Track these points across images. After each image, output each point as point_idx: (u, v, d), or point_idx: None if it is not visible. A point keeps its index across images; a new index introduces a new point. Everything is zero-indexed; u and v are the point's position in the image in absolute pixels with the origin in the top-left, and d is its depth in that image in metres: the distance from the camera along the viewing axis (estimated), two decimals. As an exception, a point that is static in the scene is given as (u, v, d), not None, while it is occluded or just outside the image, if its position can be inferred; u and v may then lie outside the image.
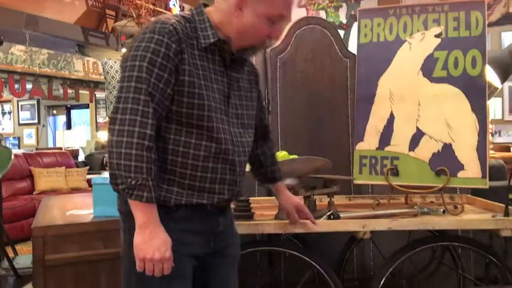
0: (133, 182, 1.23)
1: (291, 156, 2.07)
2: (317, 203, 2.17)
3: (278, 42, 2.70)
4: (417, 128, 2.18)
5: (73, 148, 8.61)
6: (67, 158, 6.73)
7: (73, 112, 11.53)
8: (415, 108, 2.19)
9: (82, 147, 9.26)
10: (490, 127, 2.98)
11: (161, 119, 1.30)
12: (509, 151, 5.76)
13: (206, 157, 1.34)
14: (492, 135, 6.21)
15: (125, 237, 1.37)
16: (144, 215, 1.26)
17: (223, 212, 1.46)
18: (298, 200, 1.79)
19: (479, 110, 2.09)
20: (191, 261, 1.37)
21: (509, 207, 1.98)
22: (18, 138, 10.85)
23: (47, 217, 2.20)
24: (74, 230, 1.99)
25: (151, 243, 1.26)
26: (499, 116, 6.53)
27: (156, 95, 1.26)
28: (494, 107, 6.39)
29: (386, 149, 2.22)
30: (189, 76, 1.30)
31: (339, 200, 2.39)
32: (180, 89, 1.30)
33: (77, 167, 6.79)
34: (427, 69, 2.19)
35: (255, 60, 2.67)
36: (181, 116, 1.31)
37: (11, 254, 2.83)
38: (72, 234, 1.97)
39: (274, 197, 2.19)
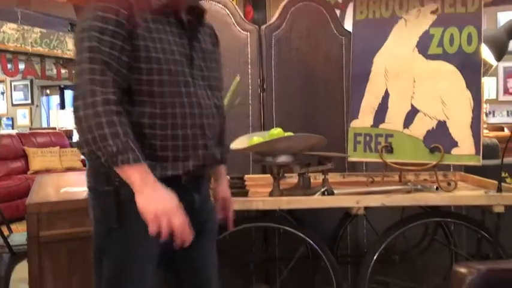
0: (114, 149, 1.18)
1: (286, 134, 2.07)
2: (311, 180, 2.18)
3: (273, 19, 2.68)
4: (412, 105, 2.18)
5: (67, 128, 8.57)
6: (61, 138, 6.71)
7: (66, 92, 11.44)
8: (410, 85, 2.19)
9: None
10: (485, 106, 2.99)
11: (122, 89, 1.25)
12: (503, 131, 5.79)
13: (174, 125, 1.30)
14: (486, 116, 6.23)
15: (93, 216, 1.35)
16: (137, 176, 1.21)
17: (198, 188, 1.42)
18: (229, 195, 1.66)
19: (474, 87, 2.08)
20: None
21: (502, 183, 1.99)
22: (12, 119, 10.79)
23: (40, 194, 2.19)
24: (68, 206, 1.98)
25: (157, 195, 1.21)
26: (493, 96, 6.55)
27: (111, 63, 1.22)
28: (489, 87, 6.40)
29: (381, 126, 2.22)
30: (143, 40, 1.26)
31: (333, 177, 2.39)
32: (137, 55, 1.26)
33: (71, 147, 6.77)
34: (423, 46, 2.18)
35: (250, 37, 2.65)
36: (142, 85, 1.27)
37: (5, 232, 2.83)
38: (66, 211, 1.97)
39: (269, 175, 2.20)
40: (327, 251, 2.03)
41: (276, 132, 2.08)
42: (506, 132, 5.68)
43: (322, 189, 2.00)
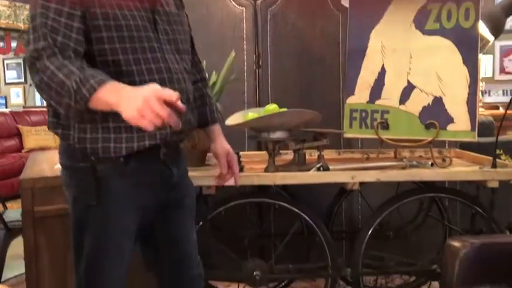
0: (74, 86, 1.13)
1: (281, 110, 2.06)
2: (306, 157, 2.18)
3: (269, -6, 2.64)
4: (408, 81, 2.17)
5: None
6: (55, 117, 6.65)
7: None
8: (406, 61, 2.17)
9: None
10: (481, 85, 2.98)
11: (77, 54, 1.21)
12: (498, 110, 5.80)
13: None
14: (482, 95, 6.23)
15: (69, 194, 1.34)
16: (108, 94, 1.14)
17: (176, 162, 1.41)
18: (231, 150, 1.63)
19: (471, 63, 2.07)
20: (140, 213, 1.34)
21: (497, 160, 2.00)
22: (5, 98, 10.68)
23: (35, 170, 2.18)
24: (58, 182, 1.97)
25: (131, 95, 1.13)
26: (489, 74, 6.53)
27: (60, 29, 1.19)
28: (485, 66, 6.38)
29: (377, 102, 2.21)
30: (100, 8, 1.22)
31: (328, 154, 2.39)
32: (96, 24, 1.22)
33: (66, 125, 6.71)
34: (420, 21, 2.16)
35: (245, 12, 2.62)
36: (106, 55, 1.24)
37: (0, 209, 2.82)
38: (61, 186, 1.96)
39: (264, 152, 2.19)
40: (322, 226, 2.04)
41: (271, 108, 2.07)
42: (502, 111, 5.68)
43: (318, 165, 2.00)
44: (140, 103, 1.10)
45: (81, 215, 1.31)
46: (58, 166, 2.26)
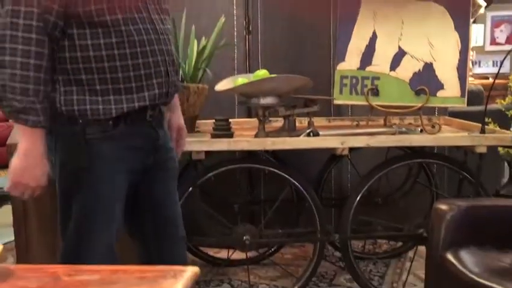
0: (18, 105, 1.18)
1: (272, 75, 2.04)
2: (297, 124, 2.17)
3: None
4: (399, 47, 2.15)
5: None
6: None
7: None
8: (398, 26, 2.15)
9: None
10: (471, 54, 2.97)
11: (55, 30, 1.21)
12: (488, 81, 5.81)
13: (134, 54, 1.26)
14: (472, 65, 6.24)
15: (55, 159, 1.31)
16: (28, 141, 1.21)
17: (160, 124, 1.41)
18: (183, 124, 1.60)
19: (462, 29, 2.06)
20: (128, 177, 1.34)
21: (485, 126, 2.01)
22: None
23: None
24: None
25: (31, 172, 1.22)
26: (480, 43, 6.52)
27: None
28: (476, 35, 6.36)
29: (368, 69, 2.20)
30: None
31: (318, 121, 2.38)
32: None
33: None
34: (412, -14, 2.13)
35: (235, -23, 2.57)
36: (92, 17, 1.21)
37: (-11, 177, 2.81)
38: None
39: (254, 119, 2.18)
40: (312, 191, 2.05)
41: (261, 73, 2.06)
42: (491, 81, 5.70)
43: (308, 131, 2.00)
44: (33, 185, 1.25)
45: (70, 180, 1.30)
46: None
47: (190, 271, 0.68)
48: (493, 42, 6.68)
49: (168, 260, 1.44)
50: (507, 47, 6.54)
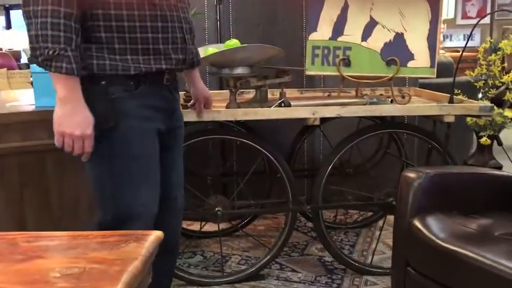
0: (50, 53, 1.17)
1: (243, 45, 2.01)
2: (269, 96, 2.16)
3: None
4: (371, 17, 2.14)
5: (14, 49, 8.10)
6: (8, 60, 6.35)
7: (12, 13, 10.71)
8: (369, -4, 2.14)
9: (24, 49, 8.73)
10: (442, 26, 2.98)
11: None
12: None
13: (153, 16, 1.27)
14: (444, 39, 6.29)
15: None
16: (64, 88, 1.21)
17: (176, 89, 1.44)
18: (209, 93, 1.76)
19: (433, -2, 2.06)
20: (156, 135, 1.36)
21: (454, 96, 2.04)
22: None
23: (-15, 108, 2.08)
24: (15, 119, 1.90)
25: (72, 118, 1.22)
26: (451, 16, 6.57)
27: None
28: (448, 7, 6.40)
29: (340, 39, 2.19)
30: None
31: (290, 93, 2.38)
32: None
33: (20, 69, 6.44)
34: (384, -46, 2.11)
35: None
36: None
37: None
38: (14, 123, 1.89)
39: (226, 91, 2.16)
40: (283, 162, 2.05)
41: (232, 43, 2.02)
42: (462, 54, 5.77)
43: (279, 101, 1.99)
44: (68, 133, 1.22)
45: (98, 140, 1.28)
46: (12, 104, 2.17)
47: (154, 235, 0.67)
48: (464, 15, 6.74)
49: (168, 229, 1.45)
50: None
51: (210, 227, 2.32)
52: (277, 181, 2.20)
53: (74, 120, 1.22)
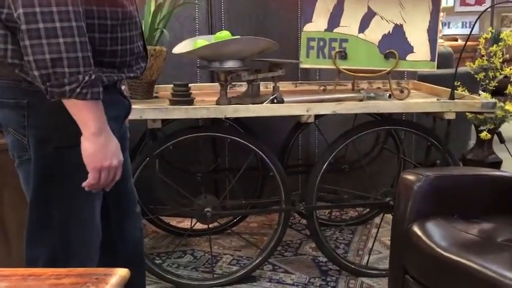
0: (86, 78, 1.00)
1: (234, 37, 1.91)
2: (262, 89, 2.06)
3: None
4: (368, 7, 2.04)
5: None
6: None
7: None
8: (367, -15, 2.04)
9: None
10: (441, 15, 2.88)
11: None
12: (457, 42, 5.78)
13: (123, 25, 1.13)
14: (442, 26, 6.18)
15: (30, 137, 1.10)
16: (96, 118, 1.05)
17: (127, 92, 1.33)
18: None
19: (434, -12, 1.96)
20: None
21: (455, 91, 1.95)
22: None
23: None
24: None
25: (108, 149, 1.08)
26: (450, 4, 6.45)
27: None
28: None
29: (336, 30, 2.08)
30: None
31: (284, 86, 2.29)
32: None
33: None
34: None
35: None
36: None
37: None
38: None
39: (216, 84, 2.06)
40: (275, 160, 1.96)
41: (223, 35, 1.92)
42: (460, 42, 5.67)
43: (271, 97, 1.89)
44: (116, 163, 1.10)
45: (51, 159, 1.11)
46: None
47: (118, 275, 0.57)
48: (463, 2, 6.62)
49: (128, 235, 1.36)
50: (476, 8, 6.51)
51: (200, 224, 2.24)
52: (270, 178, 2.12)
53: (109, 151, 1.08)
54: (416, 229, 1.43)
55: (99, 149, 1.07)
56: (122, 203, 1.35)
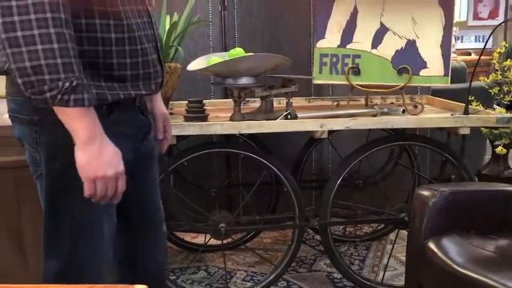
0: (66, 84, 0.98)
1: (247, 54, 1.93)
2: (276, 104, 2.07)
3: None
4: (381, 23, 2.06)
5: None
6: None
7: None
8: (380, 1, 2.05)
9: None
10: (454, 29, 2.87)
11: None
12: (470, 56, 5.76)
13: (132, 38, 1.12)
14: (455, 41, 6.17)
15: (40, 153, 1.12)
16: (86, 126, 1.03)
17: (147, 110, 1.28)
18: (168, 114, 1.46)
19: (447, 4, 1.97)
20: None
21: (469, 106, 1.94)
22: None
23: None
24: (11, 132, 1.83)
25: (102, 158, 1.05)
26: (463, 18, 6.43)
27: None
28: (460, 10, 6.27)
29: (348, 46, 2.10)
30: None
31: (298, 101, 2.30)
32: None
33: None
34: (395, -42, 2.02)
35: None
36: None
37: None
38: (10, 136, 1.82)
39: (230, 100, 2.08)
40: (289, 176, 1.97)
41: (236, 52, 1.94)
42: (474, 57, 5.65)
43: (285, 113, 1.90)
44: (112, 173, 1.06)
45: (59, 176, 1.12)
46: (5, 116, 2.11)
47: (137, 292, 0.58)
48: (476, 16, 6.60)
49: (152, 255, 1.36)
50: (490, 22, 6.49)
51: (214, 240, 2.24)
52: (284, 193, 2.12)
53: (103, 161, 1.05)
54: (432, 245, 1.42)
55: (91, 158, 1.04)
56: (147, 220, 1.35)
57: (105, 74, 1.10)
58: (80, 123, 1.02)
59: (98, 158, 1.04)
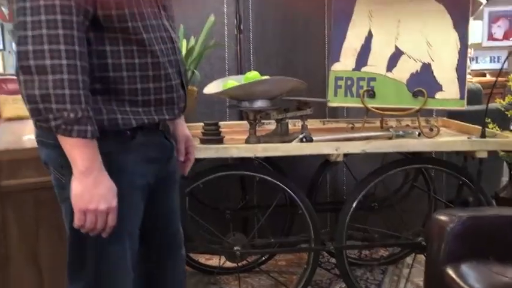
0: (72, 116, 1.01)
1: (262, 77, 1.95)
2: (291, 127, 2.08)
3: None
4: (396, 47, 2.07)
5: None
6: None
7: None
8: (394, 25, 2.07)
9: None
10: (469, 51, 2.87)
11: (86, 28, 1.06)
12: (485, 77, 5.73)
13: (155, 64, 1.15)
14: (470, 62, 6.15)
15: (66, 176, 1.11)
16: (86, 157, 1.05)
17: (169, 134, 1.30)
18: (191, 135, 1.49)
19: (461, 27, 1.97)
20: (143, 192, 1.22)
21: (486, 129, 1.93)
22: (-17, 65, 10.36)
23: (1, 141, 2.06)
24: (32, 154, 1.85)
25: (96, 191, 1.06)
26: (478, 40, 6.42)
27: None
28: (474, 31, 6.26)
29: (363, 69, 2.11)
30: None
31: (312, 124, 2.31)
32: None
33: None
34: (409, -17, 2.04)
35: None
36: (113, 21, 1.08)
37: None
38: (30, 159, 1.85)
39: (245, 122, 2.10)
40: (304, 198, 1.97)
41: (251, 75, 1.96)
42: (489, 78, 5.62)
43: (300, 136, 1.91)
44: (103, 207, 1.08)
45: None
46: (29, 137, 2.14)
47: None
48: (491, 37, 6.59)
49: (170, 276, 1.37)
50: (504, 43, 6.47)
51: (229, 262, 2.23)
52: (299, 215, 2.11)
53: (97, 193, 1.07)
54: (450, 271, 1.40)
55: (85, 190, 1.06)
56: (166, 243, 1.36)
57: (129, 99, 1.13)
58: (79, 153, 1.05)
59: (92, 191, 1.06)
